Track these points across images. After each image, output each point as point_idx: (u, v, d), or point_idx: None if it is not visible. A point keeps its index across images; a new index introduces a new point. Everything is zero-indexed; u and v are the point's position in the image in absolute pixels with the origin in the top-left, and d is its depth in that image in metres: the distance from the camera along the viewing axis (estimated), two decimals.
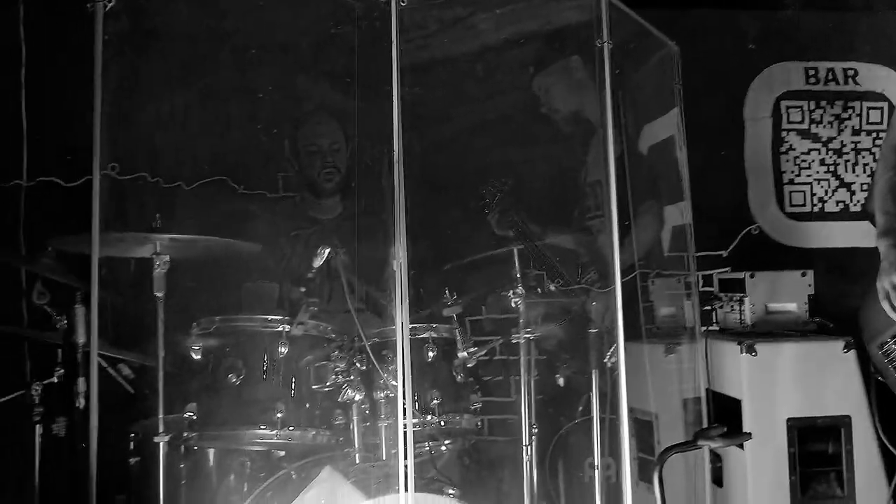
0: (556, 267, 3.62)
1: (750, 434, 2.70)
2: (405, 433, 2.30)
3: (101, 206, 4.07)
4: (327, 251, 2.75)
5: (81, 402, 2.56)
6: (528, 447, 3.17)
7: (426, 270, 3.07)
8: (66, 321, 3.02)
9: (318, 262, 2.76)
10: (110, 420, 2.53)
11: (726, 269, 4.30)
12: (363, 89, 2.66)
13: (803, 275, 3.38)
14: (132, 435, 3.13)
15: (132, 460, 3.11)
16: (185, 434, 2.74)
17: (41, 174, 4.06)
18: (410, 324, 2.83)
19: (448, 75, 3.90)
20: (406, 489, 2.27)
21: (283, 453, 3.07)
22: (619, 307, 2.62)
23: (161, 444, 2.66)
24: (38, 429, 2.93)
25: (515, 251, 3.15)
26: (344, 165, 3.75)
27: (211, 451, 3.13)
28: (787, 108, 4.52)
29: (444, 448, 3.11)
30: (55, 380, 2.93)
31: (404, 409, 2.32)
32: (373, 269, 3.35)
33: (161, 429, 2.66)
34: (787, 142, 4.53)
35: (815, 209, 4.54)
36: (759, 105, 4.53)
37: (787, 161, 4.53)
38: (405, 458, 2.28)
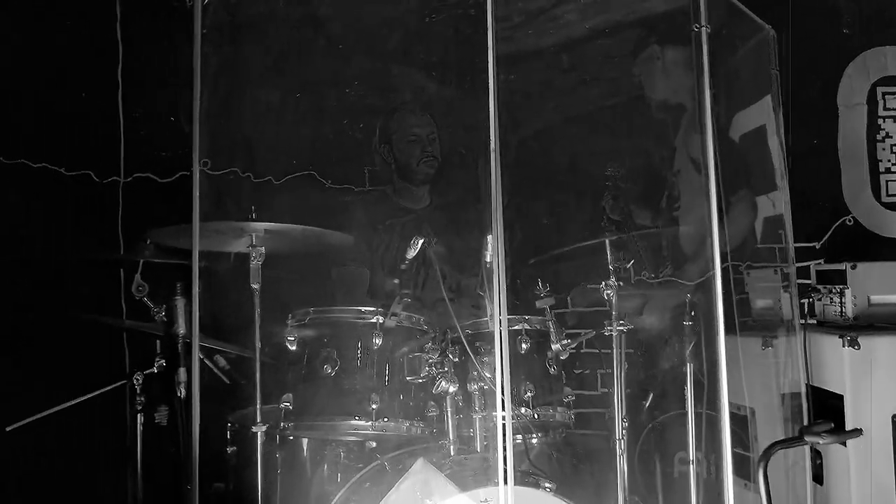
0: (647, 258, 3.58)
1: (860, 430, 2.61)
2: (503, 426, 2.28)
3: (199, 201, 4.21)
4: (421, 241, 2.75)
5: (182, 392, 2.62)
6: (621, 441, 3.13)
7: (518, 261, 3.07)
8: (164, 313, 3.10)
9: (412, 253, 2.78)
10: (207, 409, 2.57)
11: (819, 260, 4.18)
12: (458, 78, 2.65)
13: None
14: (229, 424, 3.19)
15: (229, 449, 3.16)
16: (281, 424, 2.77)
17: (137, 170, 4.16)
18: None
19: (534, 67, 3.87)
20: (505, 482, 2.25)
21: (374, 444, 3.09)
22: (720, 298, 2.55)
23: (258, 433, 2.69)
24: (140, 417, 3.00)
25: (608, 242, 3.11)
26: (439, 155, 3.80)
27: (305, 441, 3.17)
28: (884, 94, 4.37)
29: (534, 441, 3.11)
30: (155, 370, 3.01)
31: (503, 402, 2.30)
32: (465, 258, 3.36)
33: (258, 419, 2.69)
34: (883, 129, 4.38)
35: None
36: (853, 91, 4.38)
37: (884, 149, 4.38)
38: (503, 450, 2.26)
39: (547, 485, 2.62)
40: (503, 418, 2.30)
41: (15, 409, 3.36)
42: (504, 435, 2.27)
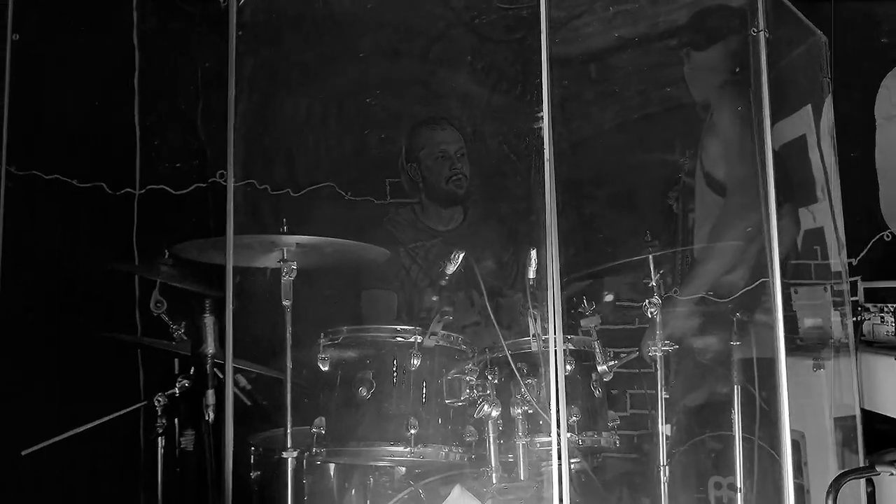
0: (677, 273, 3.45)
1: None
2: (559, 451, 2.13)
3: (214, 213, 4.07)
4: (461, 256, 2.61)
5: (211, 415, 2.45)
6: (665, 468, 2.97)
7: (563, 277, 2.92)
8: (183, 330, 2.95)
9: (451, 269, 2.63)
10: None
11: (856, 277, 4.04)
12: (509, 83, 2.52)
13: None
14: (252, 448, 3.03)
15: (253, 474, 3.00)
16: (313, 449, 2.61)
17: (151, 182, 4.01)
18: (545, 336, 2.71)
19: (578, 73, 3.73)
20: None
21: (403, 470, 2.94)
22: (780, 317, 2.41)
23: (290, 459, 2.53)
24: (161, 441, 2.84)
25: (651, 258, 2.96)
26: (468, 173, 3.63)
27: (332, 467, 3.01)
28: None
29: (572, 466, 2.95)
30: (177, 391, 2.85)
31: (558, 427, 2.15)
32: (494, 278, 3.21)
33: (289, 443, 2.53)
34: None
35: None
36: (892, 103, 4.25)
37: None
38: (559, 478, 2.11)
39: None
40: (558, 444, 2.14)
41: (30, 432, 3.20)
42: (560, 462, 2.12)
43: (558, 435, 2.16)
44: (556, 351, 2.14)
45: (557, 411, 2.14)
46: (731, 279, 3.25)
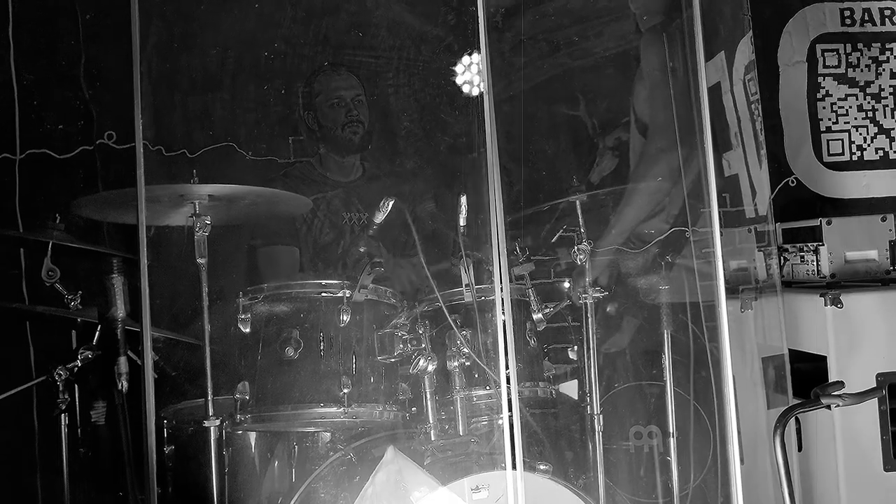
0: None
1: (882, 390, 2.47)
2: (510, 401, 2.02)
3: (103, 177, 3.77)
4: (391, 203, 2.45)
5: (124, 385, 2.24)
6: (598, 416, 2.90)
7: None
8: (79, 300, 2.72)
9: (380, 217, 2.48)
10: (135, 406, 2.23)
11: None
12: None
13: (883, 219, 3.16)
14: (164, 422, 2.81)
15: (167, 449, 2.79)
16: (237, 417, 2.43)
17: (32, 146, 3.69)
18: (477, 285, 2.60)
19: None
20: (514, 467, 1.99)
21: (329, 436, 2.79)
22: (720, 260, 2.34)
23: (212, 428, 2.35)
24: (64, 418, 2.59)
25: (578, 203, 2.88)
26: (367, 120, 3.48)
27: (253, 436, 2.83)
28: (823, 51, 4.28)
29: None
30: (78, 363, 2.61)
31: (507, 377, 2.03)
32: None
33: (211, 411, 2.34)
34: (823, 87, 4.30)
35: (854, 157, 4.31)
36: (793, 49, 4.28)
37: (824, 108, 4.30)
38: (511, 430, 2.00)
39: (542, 466, 2.37)
40: (509, 394, 2.03)
41: None
42: (512, 413, 2.01)
43: (508, 386, 2.04)
44: (503, 299, 2.00)
45: (507, 362, 2.01)
46: (654, 223, 3.20)
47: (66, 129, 3.72)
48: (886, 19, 4.32)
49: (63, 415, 2.60)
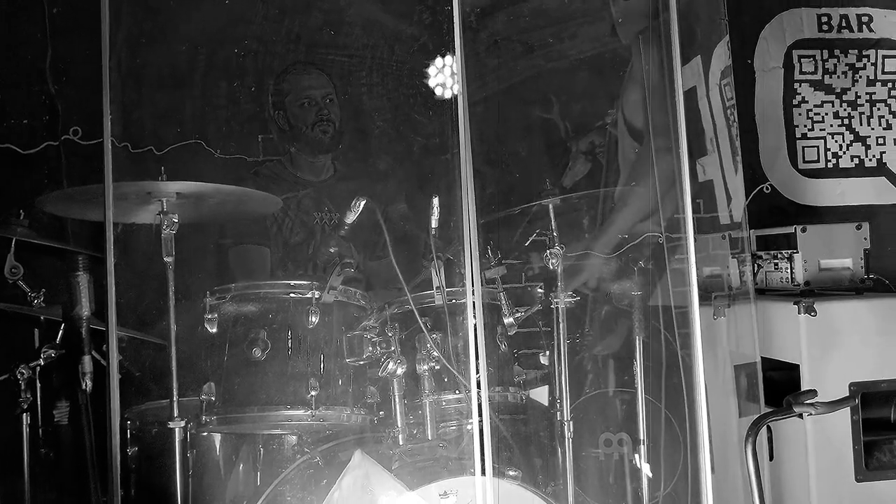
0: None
1: (855, 399, 2.45)
2: (480, 406, 1.98)
3: (68, 174, 3.69)
4: (363, 203, 2.42)
5: (88, 385, 2.18)
6: (569, 423, 2.88)
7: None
8: (42, 298, 2.67)
9: (352, 217, 2.44)
10: (98, 407, 2.19)
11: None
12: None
13: (858, 227, 3.16)
14: (128, 423, 2.76)
15: (130, 451, 2.73)
16: (202, 418, 2.38)
17: None
18: (448, 288, 2.57)
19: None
20: (483, 472, 1.95)
21: (295, 439, 2.75)
22: (693, 268, 2.33)
23: (177, 429, 2.29)
24: (26, 418, 2.53)
25: (551, 206, 2.85)
26: (338, 119, 3.45)
27: (218, 438, 2.79)
28: (800, 57, 4.28)
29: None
30: (41, 362, 2.55)
31: (478, 382, 2.00)
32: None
33: (176, 412, 2.29)
34: (799, 94, 4.29)
35: (830, 165, 4.31)
36: (770, 54, 4.28)
37: (800, 114, 4.29)
38: (480, 435, 1.96)
39: (511, 472, 2.34)
40: (479, 398, 2.00)
41: None
42: (482, 419, 1.98)
43: (479, 390, 2.00)
44: (474, 302, 1.97)
45: (477, 366, 1.98)
46: (644, 227, 3.18)
47: (31, 123, 3.65)
48: (864, 26, 4.32)
49: (25, 414, 2.55)
